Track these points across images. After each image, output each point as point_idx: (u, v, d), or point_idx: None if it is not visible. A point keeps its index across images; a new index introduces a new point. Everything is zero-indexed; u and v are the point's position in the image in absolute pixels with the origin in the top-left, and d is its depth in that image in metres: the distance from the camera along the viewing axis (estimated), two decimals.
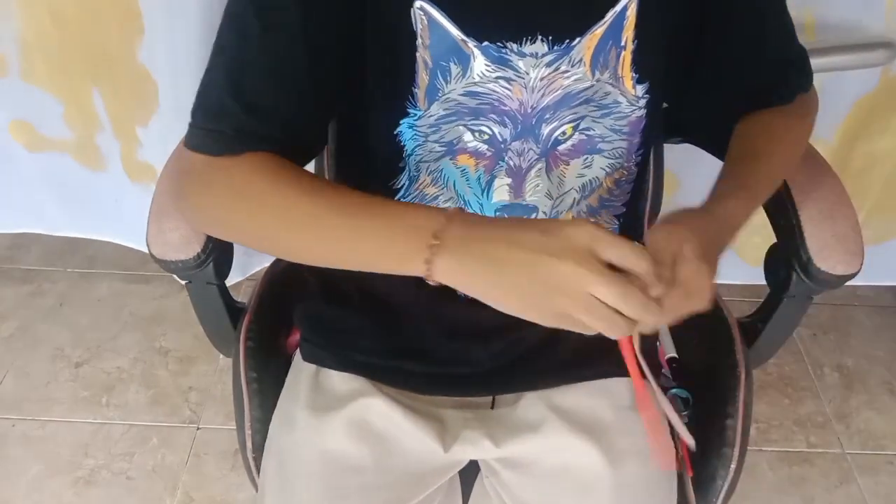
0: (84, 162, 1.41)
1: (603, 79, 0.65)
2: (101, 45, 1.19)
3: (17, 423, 1.45)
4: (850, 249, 0.72)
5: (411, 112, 0.65)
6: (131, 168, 1.40)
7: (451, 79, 0.63)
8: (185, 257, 0.72)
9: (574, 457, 0.72)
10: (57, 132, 1.35)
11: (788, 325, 0.85)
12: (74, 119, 1.33)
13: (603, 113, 0.67)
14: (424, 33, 0.61)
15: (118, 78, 1.25)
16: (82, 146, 1.38)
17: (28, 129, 1.35)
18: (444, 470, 0.77)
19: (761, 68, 0.71)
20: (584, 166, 0.69)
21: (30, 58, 1.23)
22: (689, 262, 0.53)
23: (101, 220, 1.55)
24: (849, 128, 1.29)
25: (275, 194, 0.57)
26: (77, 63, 1.22)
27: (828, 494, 1.39)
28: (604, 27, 0.62)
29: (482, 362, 0.76)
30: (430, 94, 0.64)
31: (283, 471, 0.73)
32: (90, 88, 1.27)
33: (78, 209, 1.52)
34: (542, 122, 0.65)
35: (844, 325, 1.72)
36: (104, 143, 1.37)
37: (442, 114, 0.65)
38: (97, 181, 1.43)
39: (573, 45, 0.62)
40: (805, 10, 1.13)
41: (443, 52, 0.62)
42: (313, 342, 0.79)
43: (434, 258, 0.51)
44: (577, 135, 0.67)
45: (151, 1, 1.12)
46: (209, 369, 1.57)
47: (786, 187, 0.77)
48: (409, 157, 0.68)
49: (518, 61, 0.62)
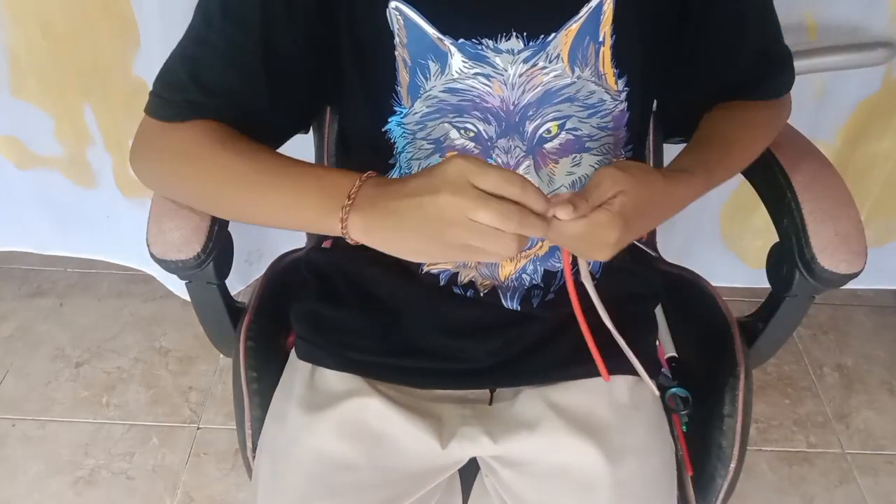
0: (75, 179, 1.40)
1: (584, 76, 0.66)
2: (93, 58, 1.19)
3: (17, 423, 1.45)
4: (853, 248, 0.72)
5: (397, 110, 0.66)
6: (124, 183, 1.39)
7: (431, 76, 0.64)
8: (185, 257, 0.72)
9: (573, 456, 0.72)
10: (47, 149, 1.35)
11: (789, 324, 0.85)
12: (65, 135, 1.32)
13: (590, 113, 0.68)
14: (401, 32, 0.63)
15: (111, 91, 1.24)
16: (73, 162, 1.37)
17: (18, 146, 1.35)
18: (443, 468, 0.77)
19: (740, 62, 0.72)
20: (573, 164, 0.70)
21: (20, 73, 1.22)
22: (607, 212, 0.54)
23: (91, 238, 1.53)
24: (850, 130, 1.29)
25: (211, 156, 0.62)
26: (68, 77, 1.22)
27: (828, 494, 1.39)
28: (579, 23, 0.63)
29: (480, 359, 0.76)
30: (412, 91, 0.65)
31: (275, 468, 0.73)
32: (82, 103, 1.27)
33: (68, 227, 1.51)
34: (525, 119, 0.66)
35: (844, 325, 1.73)
36: (95, 159, 1.36)
37: (426, 111, 0.66)
38: (88, 198, 1.43)
39: (548, 40, 0.63)
40: (807, 12, 1.14)
41: (421, 51, 0.63)
42: (309, 340, 0.79)
43: (347, 217, 0.55)
44: (563, 134, 0.68)
45: (148, 13, 1.11)
46: (209, 369, 1.57)
47: (789, 186, 0.77)
48: (399, 155, 0.69)
49: (495, 58, 0.63)
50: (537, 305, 0.75)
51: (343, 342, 0.77)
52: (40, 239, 1.54)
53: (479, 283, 0.74)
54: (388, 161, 0.70)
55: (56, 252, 1.57)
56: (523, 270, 0.74)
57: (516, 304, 0.75)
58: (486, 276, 0.74)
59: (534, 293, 0.75)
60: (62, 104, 1.27)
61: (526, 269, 0.74)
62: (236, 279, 1.35)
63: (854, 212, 0.75)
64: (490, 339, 0.76)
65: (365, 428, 0.73)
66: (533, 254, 0.73)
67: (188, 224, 0.72)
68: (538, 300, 0.75)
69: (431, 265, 0.75)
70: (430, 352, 0.76)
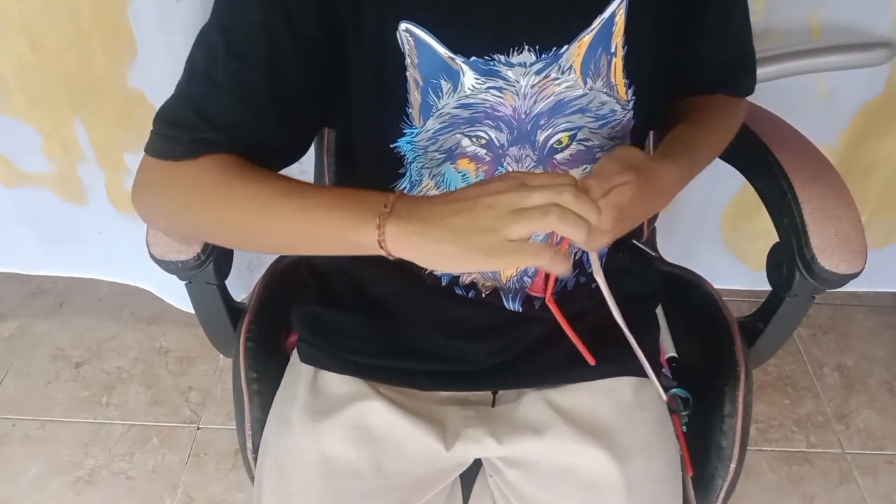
0: (65, 196, 1.36)
1: (597, 87, 0.65)
2: (84, 71, 1.15)
3: (17, 423, 1.45)
4: (853, 248, 0.72)
5: (407, 132, 0.66)
6: (117, 198, 1.36)
7: (443, 95, 0.64)
8: (185, 257, 0.72)
9: (581, 458, 0.72)
10: (36, 166, 1.31)
11: (789, 324, 0.85)
12: (55, 150, 1.29)
13: (601, 124, 0.68)
14: (412, 53, 0.62)
15: (103, 104, 1.20)
16: (63, 179, 1.33)
17: (5, 164, 1.31)
18: (448, 471, 0.77)
19: (721, 61, 0.74)
20: (583, 175, 0.70)
21: (7, 89, 1.19)
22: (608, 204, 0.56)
23: (84, 256, 1.50)
24: (853, 133, 1.29)
25: (228, 186, 0.60)
26: (58, 91, 1.19)
27: (828, 494, 1.40)
28: (592, 34, 0.63)
29: (481, 361, 0.76)
30: (424, 111, 0.65)
31: (280, 474, 0.73)
32: (72, 117, 1.23)
33: (58, 246, 1.47)
34: (536, 128, 0.66)
35: (844, 325, 1.73)
36: (86, 175, 1.33)
37: (438, 127, 0.65)
38: (79, 215, 1.39)
39: (561, 52, 0.63)
40: (811, 15, 1.13)
41: (432, 71, 0.62)
42: (311, 343, 0.79)
43: (385, 223, 0.53)
44: (574, 145, 0.68)
45: (145, 22, 1.09)
46: (209, 369, 1.57)
47: (789, 186, 0.77)
48: (410, 165, 0.69)
49: (507, 71, 0.63)
50: (538, 308, 0.75)
51: (344, 345, 0.77)
52: (29, 259, 1.50)
53: (480, 284, 0.74)
54: (399, 171, 0.69)
55: (45, 272, 1.53)
56: (524, 273, 0.74)
57: (518, 305, 0.75)
58: (487, 278, 0.74)
59: (535, 295, 0.75)
60: (51, 119, 1.23)
61: (527, 270, 0.74)
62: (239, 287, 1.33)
63: (854, 212, 0.75)
64: (491, 341, 0.76)
65: (369, 433, 0.73)
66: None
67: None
68: (539, 302, 0.75)
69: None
70: (431, 353, 0.76)
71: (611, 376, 0.76)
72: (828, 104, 1.25)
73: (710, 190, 1.40)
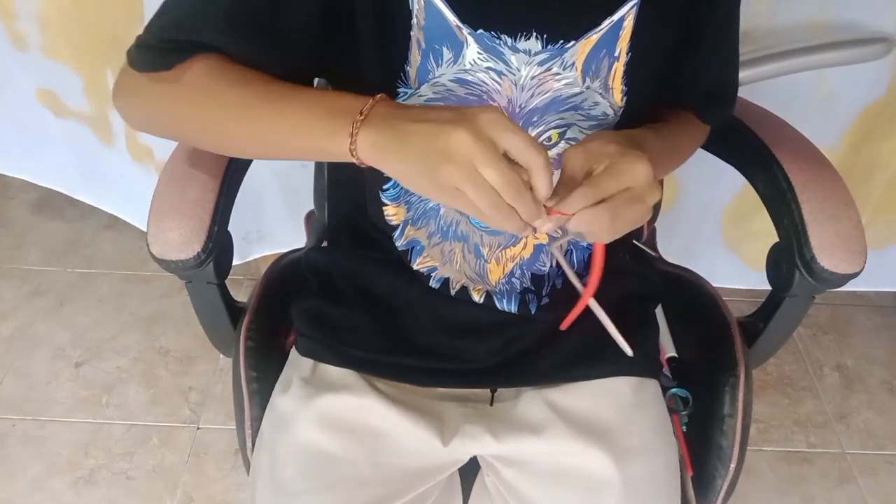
0: (99, 134, 1.45)
1: (593, 87, 0.65)
2: (111, 28, 1.22)
3: (17, 423, 1.45)
4: (853, 248, 0.72)
5: (402, 91, 0.65)
6: (134, 149, 1.43)
7: (443, 63, 0.63)
8: (185, 257, 0.72)
9: (580, 458, 0.72)
10: (78, 104, 1.39)
11: (789, 324, 0.85)
12: (92, 93, 1.37)
13: (591, 124, 0.68)
14: (420, 14, 0.62)
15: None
16: (97, 120, 1.41)
17: (54, 98, 1.40)
18: (443, 466, 0.77)
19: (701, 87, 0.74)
20: None
21: (51, 35, 1.26)
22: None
23: (109, 192, 1.57)
24: (854, 134, 1.29)
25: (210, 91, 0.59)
26: (93, 43, 1.26)
27: (828, 494, 1.40)
28: (599, 34, 0.63)
29: (480, 359, 0.76)
30: (420, 74, 0.64)
31: (273, 462, 0.73)
32: (104, 67, 1.30)
33: (92, 177, 1.55)
34: (528, 125, 0.66)
35: (844, 325, 1.73)
36: (116, 119, 1.41)
37: (431, 96, 0.65)
38: (108, 154, 1.47)
39: (567, 47, 0.63)
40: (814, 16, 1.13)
41: (437, 36, 0.62)
42: (310, 337, 0.79)
43: (358, 132, 0.53)
44: (563, 143, 0.68)
45: None
46: (209, 369, 1.57)
47: (789, 186, 0.77)
48: None
49: (510, 56, 0.62)
50: (535, 311, 0.75)
51: (344, 339, 0.77)
52: (71, 182, 1.59)
53: (471, 288, 0.74)
54: None
55: (82, 198, 1.60)
56: (511, 274, 0.74)
57: (514, 307, 0.75)
58: (476, 282, 0.74)
59: (528, 297, 0.75)
60: (88, 66, 1.32)
61: (514, 272, 0.74)
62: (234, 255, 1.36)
63: (854, 212, 0.75)
64: (490, 339, 0.76)
65: (366, 425, 0.73)
66: (518, 257, 0.73)
67: (188, 224, 0.72)
68: (535, 305, 0.75)
69: (420, 263, 0.74)
70: (430, 350, 0.76)
71: (610, 376, 0.76)
72: (830, 105, 1.25)
73: (711, 190, 1.40)
